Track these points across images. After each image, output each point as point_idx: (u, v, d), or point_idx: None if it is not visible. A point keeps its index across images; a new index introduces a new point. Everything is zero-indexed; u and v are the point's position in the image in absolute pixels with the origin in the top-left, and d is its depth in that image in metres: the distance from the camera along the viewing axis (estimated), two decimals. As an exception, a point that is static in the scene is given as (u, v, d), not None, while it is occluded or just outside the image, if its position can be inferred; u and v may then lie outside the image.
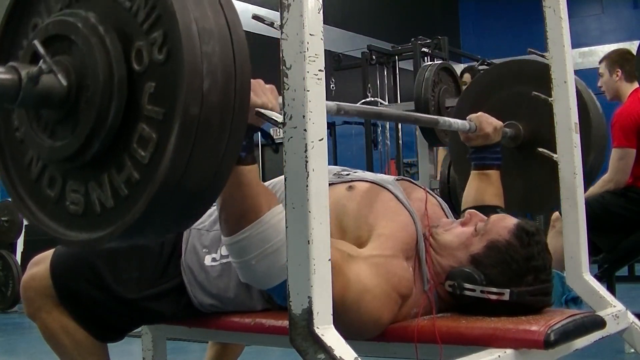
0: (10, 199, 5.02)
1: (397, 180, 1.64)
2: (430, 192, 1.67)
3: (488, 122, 1.88)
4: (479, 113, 1.90)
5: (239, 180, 1.20)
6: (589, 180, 2.16)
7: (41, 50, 0.98)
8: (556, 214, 3.23)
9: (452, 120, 1.86)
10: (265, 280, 1.28)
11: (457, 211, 1.97)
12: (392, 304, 1.38)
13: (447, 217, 1.64)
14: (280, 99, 1.21)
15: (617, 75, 3.44)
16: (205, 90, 0.92)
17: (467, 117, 1.89)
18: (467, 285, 1.42)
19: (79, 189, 1.03)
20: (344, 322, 1.26)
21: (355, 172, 1.65)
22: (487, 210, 1.83)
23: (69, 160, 1.01)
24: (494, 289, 1.40)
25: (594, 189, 3.27)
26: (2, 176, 1.14)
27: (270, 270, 1.26)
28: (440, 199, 1.69)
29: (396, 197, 1.53)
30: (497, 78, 2.23)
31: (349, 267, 1.32)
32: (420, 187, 1.67)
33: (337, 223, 1.46)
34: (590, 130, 2.07)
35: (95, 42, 0.96)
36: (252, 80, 1.18)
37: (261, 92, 1.24)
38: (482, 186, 1.90)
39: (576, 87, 2.03)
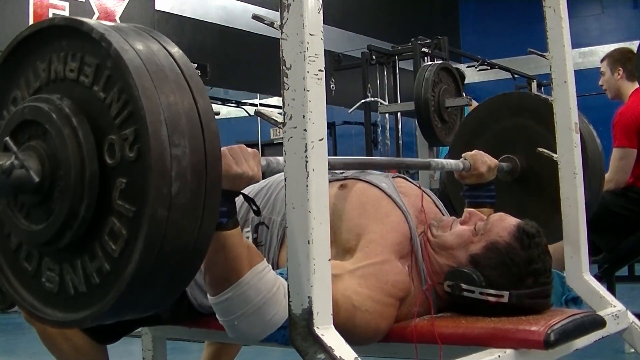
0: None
1: (393, 177, 1.64)
2: (425, 189, 1.67)
3: (482, 161, 1.86)
4: (474, 151, 1.88)
5: (221, 244, 1.20)
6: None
7: (14, 147, 0.99)
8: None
9: (444, 161, 1.87)
10: (251, 337, 1.30)
11: (457, 211, 1.97)
12: (389, 310, 1.38)
13: (443, 214, 1.64)
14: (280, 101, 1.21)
15: (619, 74, 3.43)
16: (174, 194, 0.93)
17: (462, 155, 1.88)
18: (466, 287, 1.42)
19: (54, 268, 1.04)
20: (346, 339, 1.26)
21: (350, 170, 1.64)
22: None
23: (44, 245, 1.03)
24: (493, 291, 1.40)
25: None
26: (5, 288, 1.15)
27: (254, 329, 1.26)
28: (434, 197, 1.68)
29: (389, 195, 1.53)
30: (495, 110, 2.23)
31: (335, 290, 1.31)
32: (415, 184, 1.67)
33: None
34: (587, 170, 2.07)
35: (68, 134, 0.98)
36: (234, 146, 1.21)
37: (242, 160, 1.22)
38: None
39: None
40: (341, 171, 1.63)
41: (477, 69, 6.54)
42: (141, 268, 0.93)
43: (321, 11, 1.12)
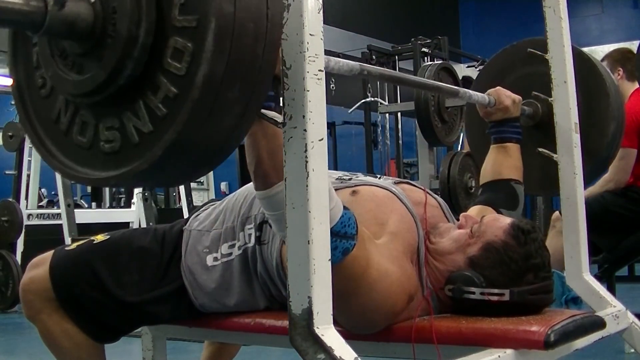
0: (10, 199, 4.99)
1: (396, 183, 1.63)
2: (430, 192, 1.66)
3: (506, 96, 1.88)
4: (497, 87, 1.90)
5: (273, 131, 1.16)
6: (611, 152, 2.16)
7: None
8: (556, 213, 3.23)
9: (472, 92, 1.86)
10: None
11: (457, 211, 1.97)
12: (404, 297, 1.38)
13: (447, 217, 1.63)
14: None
15: (619, 74, 3.43)
16: (237, 1, 0.91)
17: (486, 93, 1.89)
18: (467, 289, 1.41)
19: (114, 124, 1.01)
20: (357, 302, 1.26)
21: (356, 177, 1.63)
22: (502, 183, 1.84)
23: (102, 90, 0.99)
24: (495, 290, 1.40)
25: (594, 188, 3.27)
26: (31, 136, 1.13)
27: None
28: (440, 199, 1.68)
29: (400, 199, 1.53)
30: (513, 57, 2.22)
31: (372, 247, 1.32)
32: (420, 188, 1.66)
33: None
34: (609, 99, 2.06)
35: None
36: None
37: None
38: (500, 159, 1.89)
39: (589, 58, 2.06)
40: (349, 177, 1.62)
41: (477, 69, 6.54)
42: (212, 72, 0.90)
43: (321, 11, 1.12)
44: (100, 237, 1.66)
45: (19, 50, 1.17)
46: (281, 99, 1.14)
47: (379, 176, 1.69)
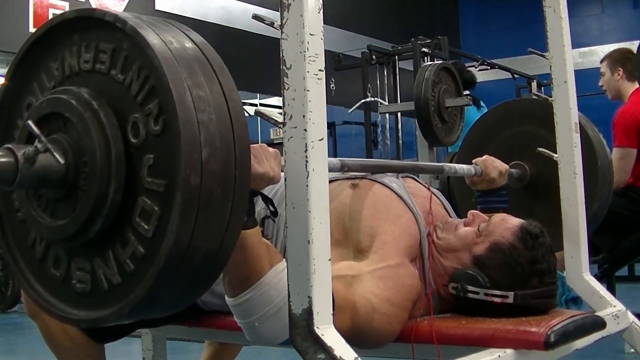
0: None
1: (402, 177, 1.64)
2: (434, 190, 1.66)
3: (493, 167, 1.86)
4: (485, 157, 1.88)
5: (241, 244, 1.17)
6: (591, 227, 2.12)
7: (35, 130, 0.97)
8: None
9: (457, 166, 1.87)
10: (271, 339, 1.27)
11: (457, 211, 1.97)
12: (404, 314, 1.38)
13: (450, 215, 1.63)
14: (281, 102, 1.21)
15: (619, 75, 3.43)
16: (204, 159, 0.92)
17: (473, 161, 1.88)
18: (471, 288, 1.41)
19: (85, 266, 1.02)
20: (359, 343, 1.26)
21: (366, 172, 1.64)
22: None
23: (72, 239, 1.00)
24: (498, 292, 1.40)
25: None
26: (7, 258, 1.13)
27: (274, 331, 1.24)
28: (443, 199, 1.68)
29: (400, 196, 1.53)
30: (504, 117, 2.24)
31: (354, 291, 1.32)
32: (425, 185, 1.66)
33: (339, 222, 1.45)
34: (597, 179, 2.07)
35: (90, 117, 0.96)
36: (254, 145, 1.19)
37: (264, 159, 1.22)
38: None
39: (586, 133, 2.05)
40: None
41: (477, 69, 6.54)
42: (178, 243, 0.91)
43: (321, 11, 1.12)
44: None
45: None
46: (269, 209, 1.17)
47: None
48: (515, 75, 7.21)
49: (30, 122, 0.99)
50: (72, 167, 0.98)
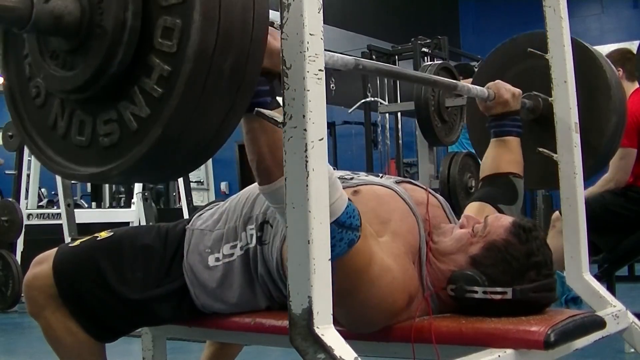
0: (11, 198, 4.98)
1: (398, 182, 1.63)
2: (432, 192, 1.66)
3: (506, 89, 1.87)
4: (496, 81, 1.89)
5: (272, 126, 1.15)
6: (612, 146, 2.15)
7: None
8: (556, 213, 3.23)
9: (470, 85, 1.85)
10: None
11: (457, 211, 1.97)
12: (405, 296, 1.38)
13: (448, 217, 1.63)
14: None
15: (619, 75, 3.44)
16: None
17: (485, 86, 1.88)
18: (470, 288, 1.41)
19: (111, 116, 1.02)
20: (359, 299, 1.26)
21: (358, 176, 1.63)
22: (501, 177, 1.84)
23: (95, 80, 0.99)
24: (497, 289, 1.40)
25: (594, 188, 3.27)
26: (30, 146, 1.14)
27: None
28: (441, 199, 1.68)
29: (403, 198, 1.53)
30: (513, 51, 2.21)
31: (375, 242, 1.32)
32: (422, 187, 1.66)
33: None
34: (610, 92, 2.05)
35: None
36: (271, 28, 1.18)
37: (279, 37, 1.17)
38: (500, 153, 1.89)
39: (590, 50, 2.07)
40: (350, 177, 1.62)
41: (477, 69, 6.54)
42: (203, 42, 0.91)
43: (321, 11, 1.12)
44: (103, 234, 1.66)
45: (10, 64, 1.18)
46: (277, 97, 1.15)
47: (380, 175, 1.68)
48: (515, 75, 7.20)
49: None
50: (87, 6, 0.97)
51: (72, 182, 5.88)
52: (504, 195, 1.81)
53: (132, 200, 6.09)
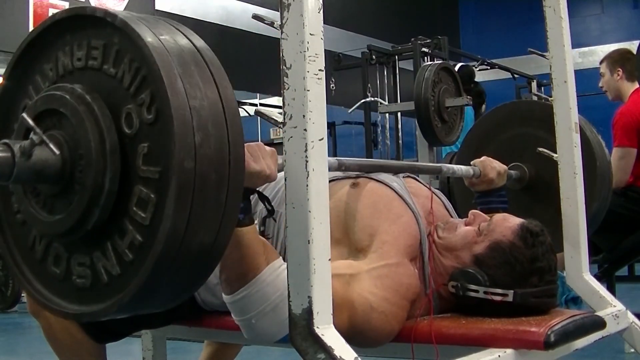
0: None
1: (403, 177, 1.64)
2: (435, 190, 1.66)
3: (492, 167, 1.87)
4: (483, 158, 1.89)
5: (237, 241, 1.19)
6: (592, 227, 2.13)
7: (30, 122, 0.99)
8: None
9: (455, 167, 1.87)
10: (268, 337, 1.28)
11: (457, 211, 1.97)
12: (402, 313, 1.38)
13: (451, 215, 1.63)
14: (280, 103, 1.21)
15: (619, 75, 3.44)
16: (197, 144, 0.93)
17: (472, 162, 1.89)
18: (471, 286, 1.41)
19: (85, 261, 1.03)
20: (358, 342, 1.27)
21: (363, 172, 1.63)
22: None
23: (71, 233, 1.01)
24: (498, 290, 1.40)
25: None
26: (8, 260, 1.14)
27: (271, 328, 1.25)
28: (444, 198, 1.68)
29: (400, 196, 1.53)
30: (503, 119, 2.25)
31: (352, 290, 1.32)
32: (426, 185, 1.66)
33: (339, 221, 1.46)
34: (596, 180, 2.08)
35: (84, 110, 0.98)
36: (251, 143, 1.20)
37: (260, 157, 1.22)
38: None
39: (584, 134, 2.04)
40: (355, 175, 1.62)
41: (477, 69, 6.54)
42: (175, 229, 0.92)
43: (321, 11, 1.12)
44: None
45: None
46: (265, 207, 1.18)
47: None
48: (515, 75, 7.21)
49: (24, 115, 1.00)
50: (68, 160, 0.99)
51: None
52: None
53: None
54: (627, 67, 3.43)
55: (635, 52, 3.43)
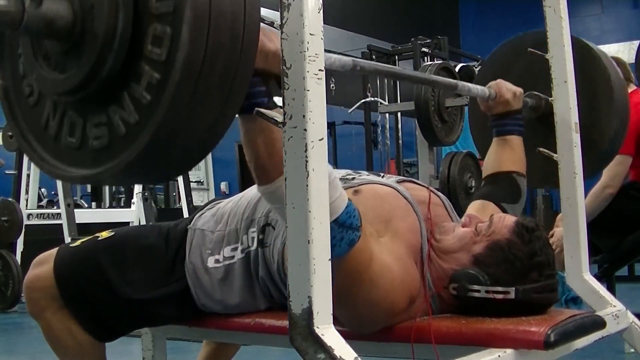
0: (11, 199, 4.97)
1: (399, 182, 1.63)
2: (434, 190, 1.66)
3: (507, 89, 1.87)
4: (498, 80, 1.89)
5: (268, 126, 1.16)
6: (613, 151, 2.14)
7: None
8: (561, 215, 3.21)
9: (471, 85, 1.85)
10: None
11: (457, 212, 1.97)
12: (405, 297, 1.38)
13: (450, 215, 1.63)
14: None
15: None
16: None
17: (487, 85, 1.88)
18: (472, 287, 1.41)
19: (101, 120, 1.02)
20: (357, 298, 1.27)
21: (360, 176, 1.63)
22: (504, 176, 1.83)
23: (86, 85, 1.00)
24: (500, 288, 1.40)
25: (590, 198, 3.21)
26: (23, 145, 1.15)
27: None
28: (443, 197, 1.67)
29: (404, 196, 1.53)
30: (515, 49, 2.20)
31: (375, 242, 1.32)
32: (424, 186, 1.66)
33: None
34: (613, 95, 2.04)
35: None
36: (265, 25, 1.18)
37: (274, 38, 1.19)
38: (502, 152, 1.89)
39: (595, 52, 2.07)
40: (352, 177, 1.62)
41: (477, 69, 6.54)
42: (191, 55, 0.91)
43: (321, 11, 1.12)
44: (105, 234, 1.66)
45: (5, 62, 1.18)
46: (276, 97, 1.15)
47: (382, 174, 1.68)
48: (515, 75, 7.20)
49: None
50: (79, 12, 0.98)
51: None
52: (507, 194, 1.82)
53: (132, 200, 6.09)
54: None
55: (623, 58, 3.42)
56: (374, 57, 6.14)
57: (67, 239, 4.88)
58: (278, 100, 1.27)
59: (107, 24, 0.95)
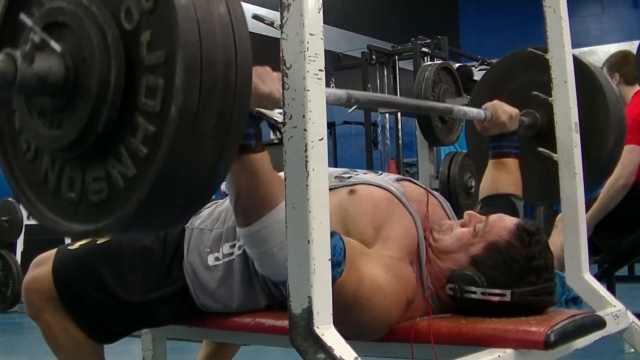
0: (10, 198, 4.98)
1: (398, 180, 1.63)
2: (432, 191, 1.66)
3: (503, 110, 1.86)
4: (494, 101, 1.87)
5: (251, 168, 1.17)
6: (608, 169, 2.14)
7: (28, 21, 0.97)
8: (561, 215, 3.21)
9: (466, 108, 1.85)
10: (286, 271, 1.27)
11: (457, 211, 1.97)
12: (401, 306, 1.38)
13: (449, 215, 1.63)
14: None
15: (616, 80, 3.43)
16: (200, 19, 0.92)
17: (483, 106, 1.87)
18: (468, 288, 1.41)
19: (99, 174, 1.02)
20: (353, 318, 1.27)
21: (357, 174, 1.63)
22: (501, 199, 1.83)
23: (82, 140, 1.00)
24: (496, 291, 1.40)
25: (606, 190, 3.20)
26: (22, 200, 1.14)
27: None
28: (441, 198, 1.68)
29: (399, 199, 1.53)
30: (512, 66, 2.19)
31: (363, 263, 1.32)
32: (421, 186, 1.66)
33: (340, 228, 1.45)
34: (608, 113, 2.04)
35: (83, 13, 0.96)
36: (258, 67, 1.18)
37: (268, 80, 1.20)
38: (498, 175, 1.88)
39: (591, 70, 2.03)
40: (349, 176, 1.62)
41: (477, 69, 6.54)
42: (186, 102, 0.91)
43: (321, 11, 1.12)
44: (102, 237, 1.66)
45: (3, 124, 1.17)
46: (272, 135, 1.15)
47: (380, 173, 1.68)
48: (515, 75, 7.20)
49: (22, 15, 0.99)
50: (71, 67, 0.98)
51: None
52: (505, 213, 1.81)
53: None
54: (624, 71, 3.42)
55: (634, 53, 3.42)
56: (374, 57, 6.15)
57: (67, 240, 4.88)
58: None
59: (99, 78, 0.95)
